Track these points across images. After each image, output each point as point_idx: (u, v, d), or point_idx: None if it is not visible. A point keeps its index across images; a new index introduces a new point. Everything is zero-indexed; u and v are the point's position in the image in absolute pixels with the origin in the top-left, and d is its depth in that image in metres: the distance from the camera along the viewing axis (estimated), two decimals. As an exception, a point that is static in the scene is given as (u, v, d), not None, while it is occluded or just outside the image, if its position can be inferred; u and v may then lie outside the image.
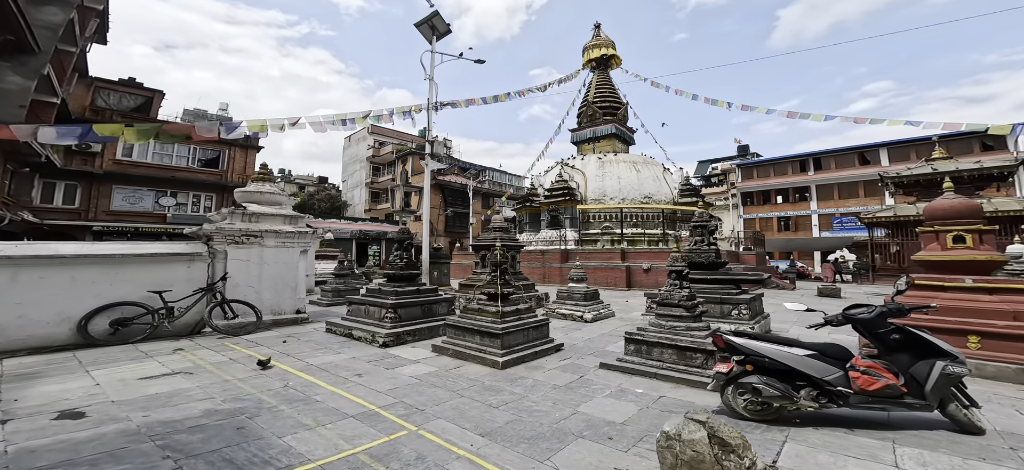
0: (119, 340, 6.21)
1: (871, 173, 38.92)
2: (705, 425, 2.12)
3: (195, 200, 27.17)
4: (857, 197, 39.75)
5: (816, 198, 40.53)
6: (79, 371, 4.79)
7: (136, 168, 23.82)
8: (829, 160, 41.15)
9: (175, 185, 25.64)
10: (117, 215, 23.23)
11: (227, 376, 4.62)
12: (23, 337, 5.61)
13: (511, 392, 4.12)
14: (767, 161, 44.42)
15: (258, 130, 8.07)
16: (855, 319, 3.29)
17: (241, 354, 5.73)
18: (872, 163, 39.56)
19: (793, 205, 42.28)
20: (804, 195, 42.21)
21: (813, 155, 41.87)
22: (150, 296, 6.63)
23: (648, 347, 4.63)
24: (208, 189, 27.36)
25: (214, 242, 7.52)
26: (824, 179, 40.53)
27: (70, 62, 12.46)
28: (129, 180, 23.60)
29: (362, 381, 4.49)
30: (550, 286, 15.31)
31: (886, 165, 38.27)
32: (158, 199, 25.04)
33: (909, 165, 34.79)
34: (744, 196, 43.75)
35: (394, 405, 3.74)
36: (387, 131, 49.83)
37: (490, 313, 5.63)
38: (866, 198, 39.12)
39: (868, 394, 3.01)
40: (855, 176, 39.75)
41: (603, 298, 10.15)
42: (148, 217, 24.23)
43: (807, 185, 41.30)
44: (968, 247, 4.23)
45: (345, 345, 6.38)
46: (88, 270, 6.22)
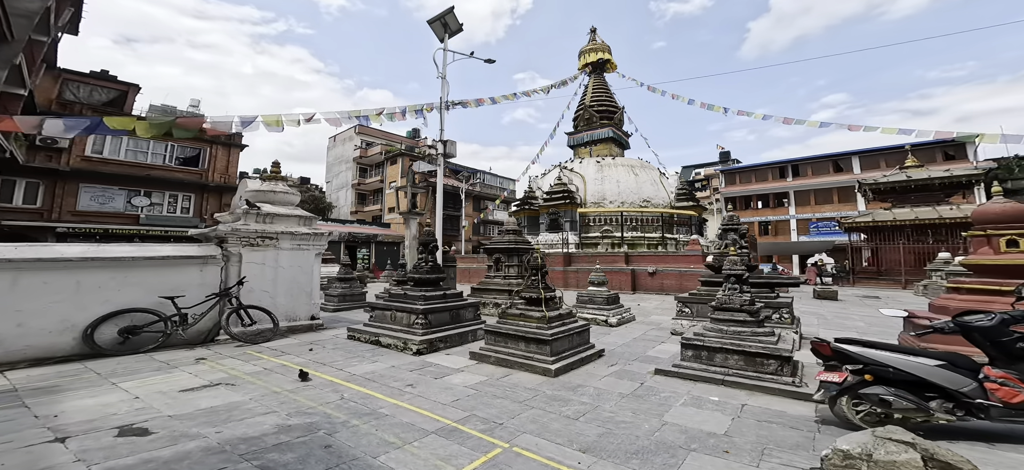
0: (129, 349, 5.73)
1: (844, 180, 40.97)
2: (915, 447, 1.91)
3: (172, 200, 25.75)
4: (832, 203, 41.65)
5: (794, 203, 42.24)
6: (103, 384, 4.38)
7: (107, 165, 22.34)
8: (806, 167, 43.00)
9: (150, 184, 24.18)
10: (84, 216, 21.68)
11: (273, 387, 4.31)
12: (23, 347, 5.09)
13: (580, 402, 3.99)
14: (748, 167, 46.00)
15: (273, 125, 7.67)
16: (972, 326, 3.13)
17: (273, 364, 5.38)
18: (845, 170, 41.56)
19: (773, 210, 43.92)
20: (782, 201, 43.91)
21: (791, 162, 43.67)
22: (162, 302, 6.16)
23: (710, 353, 4.58)
24: (186, 189, 25.98)
25: (228, 244, 7.08)
26: (801, 185, 42.29)
27: (41, 52, 11.53)
28: (98, 178, 22.10)
29: (418, 392, 4.27)
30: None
31: (858, 172, 40.31)
32: (130, 199, 23.54)
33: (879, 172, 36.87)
34: (727, 201, 45.14)
35: (468, 418, 3.56)
36: (374, 132, 48.82)
37: (534, 318, 5.48)
38: (840, 204, 41.06)
39: (1012, 407, 2.84)
40: (830, 183, 41.65)
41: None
42: (119, 218, 22.73)
43: (786, 191, 42.99)
44: (1022, 251, 4.39)
45: (376, 353, 6.10)
46: (95, 274, 5.72)
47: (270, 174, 8.38)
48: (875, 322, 9.40)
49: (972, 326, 3.13)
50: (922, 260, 23.51)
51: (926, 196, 26.91)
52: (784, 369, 4.18)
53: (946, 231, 24.51)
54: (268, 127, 7.75)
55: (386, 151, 42.90)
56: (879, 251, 27.02)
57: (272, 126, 7.72)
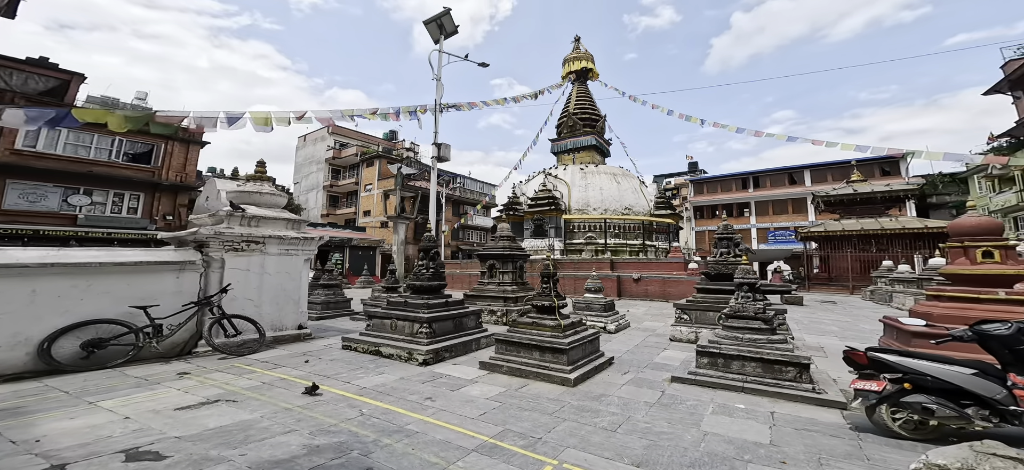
0: (94, 364, 5.09)
1: (797, 192, 44.07)
2: (1022, 462, 1.81)
3: (117, 199, 23.53)
4: (787, 213, 44.58)
5: (755, 213, 44.88)
6: (77, 403, 3.85)
7: (41, 160, 20.09)
8: (765, 179, 45.84)
9: (91, 181, 21.95)
10: (11, 215, 19.34)
11: (282, 403, 3.94)
12: None
13: (610, 412, 3.91)
14: (715, 178, 48.45)
15: (262, 123, 7.15)
16: (990, 335, 3.23)
17: (271, 377, 4.94)
18: (799, 183, 44.64)
19: (735, 219, 46.34)
20: (743, 211, 46.53)
21: (752, 174, 46.39)
22: (131, 312, 5.52)
23: (726, 360, 4.63)
24: (135, 187, 23.85)
25: (210, 249, 6.48)
26: (761, 196, 45.00)
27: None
28: (29, 174, 19.81)
29: (439, 406, 4.05)
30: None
31: (809, 185, 43.51)
32: (67, 197, 21.25)
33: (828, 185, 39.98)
34: (695, 210, 47.29)
35: (503, 433, 3.39)
36: (349, 132, 47.16)
37: (549, 327, 5.37)
38: (794, 214, 44.06)
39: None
40: (785, 194, 44.60)
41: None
42: (52, 218, 20.44)
43: (747, 201, 45.60)
44: (997, 261, 4.83)
45: (379, 364, 5.77)
46: (53, 282, 5.04)
47: (255, 174, 7.80)
48: (847, 326, 10.06)
49: (990, 335, 3.27)
50: (867, 267, 25.58)
51: (869, 208, 29.44)
52: (803, 376, 4.27)
53: (887, 241, 26.86)
54: (256, 126, 7.21)
55: (362, 153, 41.50)
56: (829, 259, 29.11)
57: (260, 125, 7.19)
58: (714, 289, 7.54)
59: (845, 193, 29.62)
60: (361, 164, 41.73)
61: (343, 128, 47.16)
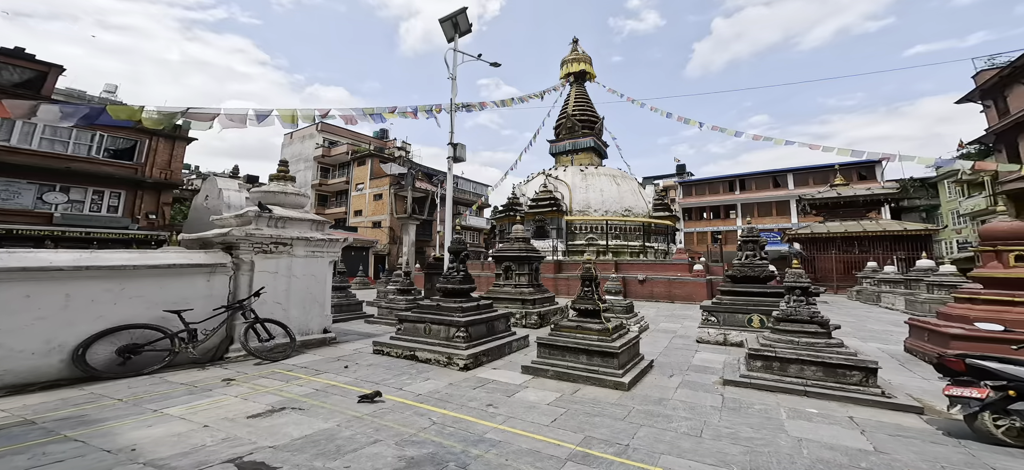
0: (131, 371, 4.90)
1: (781, 194, 45.56)
2: None
3: (96, 197, 22.51)
4: (771, 215, 46.00)
5: (741, 215, 46.17)
6: (140, 411, 3.75)
7: (14, 155, 19.05)
8: (750, 181, 47.20)
9: (70, 178, 20.92)
10: (-21, 213, 18.29)
11: (350, 411, 3.88)
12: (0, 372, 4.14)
13: (682, 417, 3.92)
14: (703, 180, 49.59)
15: (288, 120, 6.97)
16: None
17: (320, 383, 4.85)
18: (782, 186, 46.15)
19: (722, 221, 47.59)
20: (729, 213, 47.80)
21: (739, 177, 47.70)
22: (165, 316, 5.32)
23: (782, 363, 4.69)
24: (117, 185, 22.83)
25: (240, 251, 6.29)
26: (746, 198, 46.30)
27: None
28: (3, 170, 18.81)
29: (504, 412, 4.03)
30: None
31: (792, 188, 45.09)
32: (41, 194, 20.22)
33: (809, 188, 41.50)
34: (684, 211, 48.32)
35: (588, 441, 3.38)
36: (339, 130, 46.22)
37: (596, 331, 5.41)
38: (777, 216, 45.54)
39: None
40: (770, 197, 46.02)
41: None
42: (26, 216, 19.39)
43: (734, 203, 46.86)
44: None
45: (418, 369, 5.70)
46: (87, 286, 4.81)
47: (278, 173, 7.60)
48: (854, 326, 10.48)
49: None
50: (849, 268, 26.66)
51: (851, 211, 30.71)
52: (869, 380, 4.30)
53: (869, 242, 28.07)
54: (283, 123, 7.02)
55: (353, 151, 40.76)
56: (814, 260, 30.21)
57: (287, 121, 7.00)
58: (741, 291, 7.72)
59: (829, 196, 30.79)
60: (352, 163, 41.01)
61: (332, 126, 46.23)
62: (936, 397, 4.48)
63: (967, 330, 5.02)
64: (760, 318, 7.17)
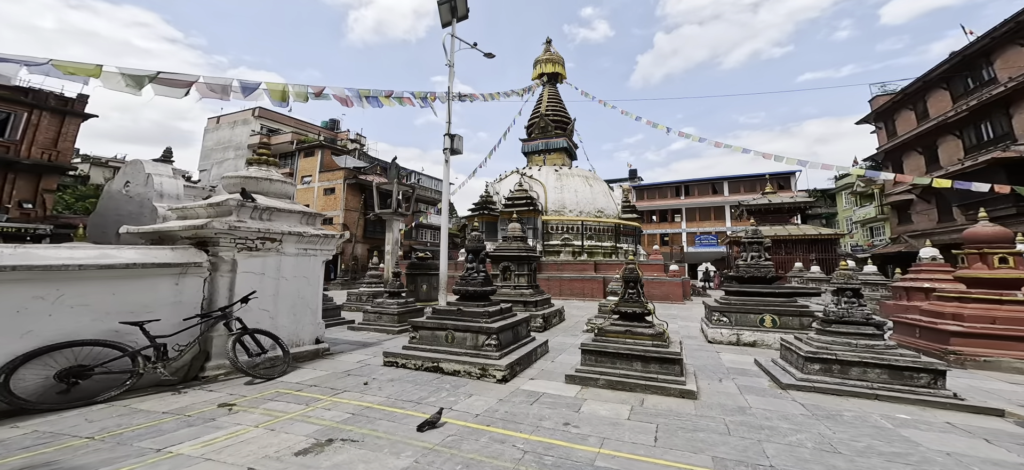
0: (76, 400, 3.68)
1: (718, 200, 49.87)
2: None
3: (-52, 182, 18.22)
4: (710, 220, 50.15)
5: (685, 219, 49.85)
6: (134, 455, 2.71)
7: None
8: (693, 188, 51.06)
9: (-88, 157, 16.65)
10: None
11: (417, 441, 3.14)
12: None
13: (791, 429, 3.61)
14: (653, 185, 52.66)
15: (278, 98, 5.80)
16: None
17: (352, 406, 3.97)
18: (719, 193, 50.56)
19: (668, 224, 50.93)
20: (675, 217, 51.35)
21: (684, 182, 51.40)
22: (122, 329, 4.07)
23: (842, 366, 4.59)
24: (-23, 163, 18.66)
25: (219, 248, 5.06)
26: (690, 203, 49.99)
27: None
28: None
29: (588, 431, 3.52)
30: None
31: (727, 194, 49.69)
32: None
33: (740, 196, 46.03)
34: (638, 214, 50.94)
35: (723, 462, 2.99)
36: (280, 117, 41.82)
37: (647, 336, 5.07)
38: (715, 221, 49.78)
39: None
40: (709, 202, 50.11)
41: (583, 308, 9.96)
42: None
43: (679, 208, 50.37)
44: (1011, 267, 5.80)
45: (453, 383, 4.98)
46: (9, 291, 3.49)
47: (258, 157, 6.33)
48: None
49: None
50: (779, 268, 29.91)
51: (778, 217, 34.52)
52: (937, 382, 4.24)
53: (792, 245, 31.70)
54: (272, 99, 5.83)
55: (299, 141, 37.06)
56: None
57: (277, 99, 5.82)
58: (750, 292, 7.92)
59: (762, 203, 34.26)
60: (298, 153, 37.32)
61: (272, 112, 41.80)
62: (985, 396, 4.56)
63: (966, 327, 5.51)
64: (773, 318, 7.35)
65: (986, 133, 17.21)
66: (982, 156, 16.23)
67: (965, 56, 17.74)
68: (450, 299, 7.72)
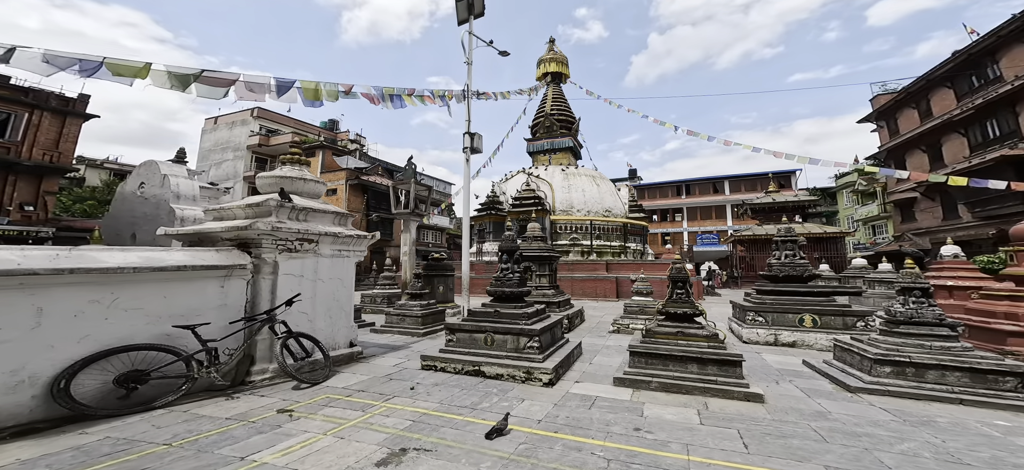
0: (136, 405, 3.61)
1: (720, 199, 50.09)
2: None
3: (-57, 182, 18.05)
4: (711, 219, 50.36)
5: (687, 218, 50.04)
6: (222, 464, 2.61)
7: None
8: (694, 187, 51.25)
9: (-89, 157, 16.42)
10: None
11: (493, 451, 3.07)
12: None
13: (890, 438, 3.46)
14: (654, 185, 52.80)
15: (311, 97, 5.72)
16: None
17: (408, 412, 3.91)
18: (720, 192, 50.80)
19: (669, 224, 51.13)
20: (675, 216, 51.54)
21: (685, 182, 51.59)
22: (173, 333, 3.99)
23: (918, 369, 4.48)
24: (-18, 166, 18.47)
25: (262, 249, 4.98)
26: (692, 203, 50.20)
27: None
28: None
29: (665, 436, 3.43)
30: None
31: (728, 194, 49.88)
32: None
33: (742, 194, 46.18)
34: (637, 214, 51.08)
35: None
36: (280, 117, 41.53)
37: (701, 337, 4.97)
38: (716, 220, 50.00)
39: None
40: (710, 202, 50.32)
41: (598, 308, 9.80)
42: None
43: (680, 207, 50.57)
44: None
45: (500, 387, 4.90)
46: (68, 296, 3.40)
47: (292, 156, 6.25)
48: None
49: None
50: (783, 267, 30.04)
51: (779, 215, 34.71)
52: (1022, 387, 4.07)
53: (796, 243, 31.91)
54: (305, 98, 5.73)
55: (299, 141, 36.76)
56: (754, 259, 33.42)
57: (310, 97, 5.73)
58: (787, 291, 7.79)
59: (765, 201, 34.45)
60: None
61: (271, 112, 41.53)
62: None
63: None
64: (813, 318, 7.26)
65: (992, 131, 17.40)
66: (990, 154, 16.41)
67: (970, 54, 17.93)
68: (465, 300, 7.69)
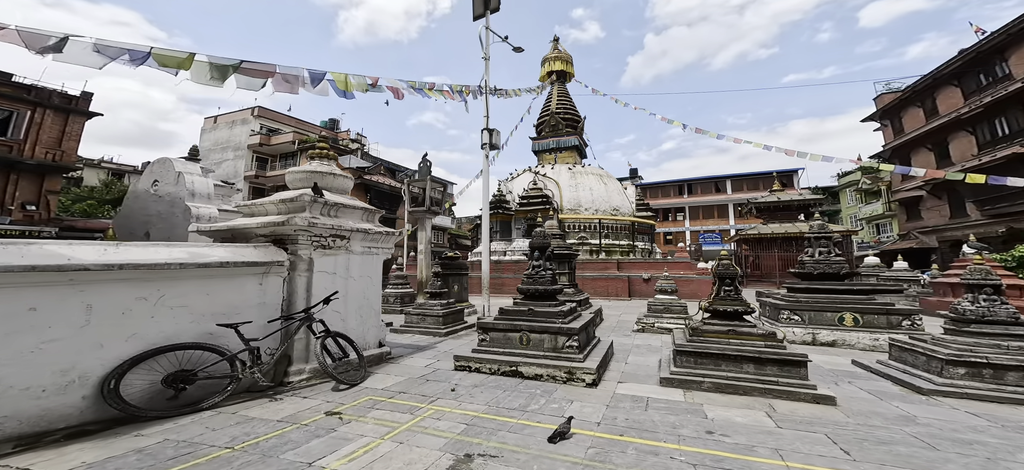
0: (185, 406, 3.49)
1: (721, 199, 50.13)
2: None
3: (-57, 180, 17.91)
4: (713, 218, 50.41)
5: (689, 217, 50.07)
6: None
7: None
8: (697, 186, 51.27)
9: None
10: None
11: (562, 456, 2.95)
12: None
13: (991, 443, 3.35)
14: (656, 184, 52.77)
15: (342, 87, 5.60)
16: None
17: (458, 415, 3.79)
18: (722, 191, 50.87)
19: (673, 223, 51.14)
20: (677, 215, 51.57)
21: (687, 181, 51.59)
22: (217, 332, 3.87)
23: (996, 371, 4.36)
24: (-19, 165, 18.31)
25: (299, 246, 4.86)
26: (693, 202, 50.24)
27: None
28: None
29: (745, 440, 3.27)
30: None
31: (729, 193, 49.93)
32: None
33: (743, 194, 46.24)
34: (639, 213, 51.08)
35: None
36: (280, 117, 41.32)
37: (758, 336, 4.80)
38: (718, 219, 50.10)
39: None
40: (712, 201, 50.38)
41: (612, 307, 9.85)
42: None
43: (682, 206, 50.61)
44: None
45: (543, 388, 4.76)
46: (115, 292, 3.28)
47: (320, 151, 6.12)
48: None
49: None
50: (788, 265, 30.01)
51: (786, 214, 34.70)
52: None
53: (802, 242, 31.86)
54: (337, 90, 5.62)
55: (300, 141, 36.60)
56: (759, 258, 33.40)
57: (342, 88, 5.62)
58: (824, 289, 7.60)
59: (770, 200, 34.49)
60: (299, 153, 36.89)
61: (271, 112, 41.33)
62: None
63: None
64: (855, 317, 7.11)
65: (1001, 128, 17.46)
66: (1001, 151, 16.45)
67: (979, 52, 17.99)
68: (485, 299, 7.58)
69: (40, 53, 3.10)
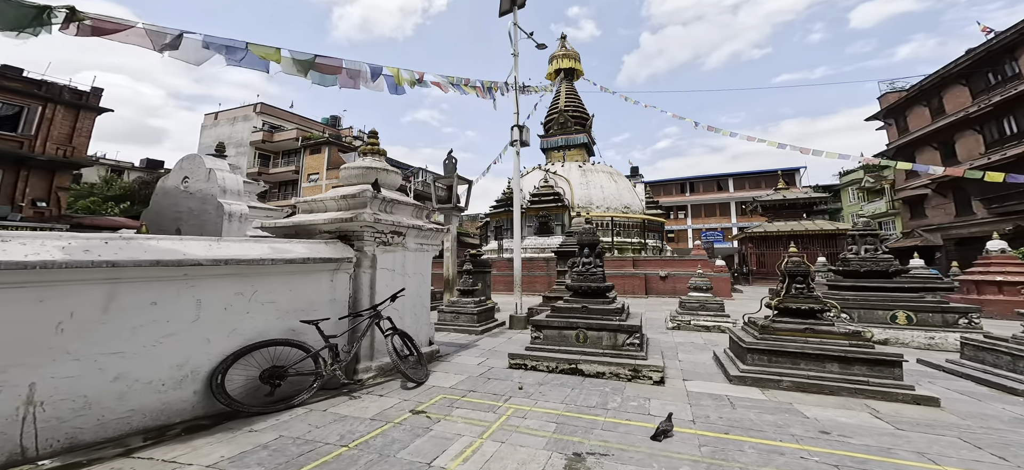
0: (280, 403, 3.50)
1: (724, 197, 50.38)
2: None
3: (-45, 177, 17.73)
4: (715, 216, 50.69)
5: (691, 215, 50.33)
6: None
7: None
8: (698, 184, 51.53)
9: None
10: None
11: (678, 455, 2.99)
12: (125, 413, 2.72)
13: None
14: (659, 182, 53.01)
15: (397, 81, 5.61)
16: None
17: (538, 412, 3.83)
18: (724, 189, 51.14)
19: (675, 221, 51.36)
20: (680, 213, 51.79)
21: (689, 180, 51.84)
22: (299, 328, 3.89)
23: None
24: (-6, 161, 18.13)
25: (364, 242, 4.87)
26: (696, 200, 50.48)
27: None
28: None
29: (860, 441, 3.28)
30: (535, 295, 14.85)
31: (732, 191, 50.20)
32: None
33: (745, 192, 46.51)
34: (641, 211, 51.27)
35: None
36: (282, 114, 41.05)
37: (841, 334, 4.79)
38: (720, 217, 50.40)
39: None
40: (714, 199, 50.63)
41: (633, 305, 9.64)
42: None
43: (685, 204, 50.85)
44: None
45: (612, 386, 4.74)
46: (219, 287, 3.30)
47: (369, 147, 6.12)
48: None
49: None
50: (795, 263, 30.27)
51: (790, 212, 34.96)
52: None
53: (809, 240, 32.06)
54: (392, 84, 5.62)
55: (304, 137, 36.37)
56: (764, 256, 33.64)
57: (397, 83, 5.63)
58: (873, 287, 7.58)
59: (775, 198, 34.72)
60: (303, 150, 36.68)
61: (274, 109, 41.03)
62: None
63: None
64: (908, 315, 7.03)
65: (1010, 127, 17.73)
66: (1011, 149, 16.71)
67: (989, 52, 18.23)
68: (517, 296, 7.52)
69: (160, 51, 3.07)
